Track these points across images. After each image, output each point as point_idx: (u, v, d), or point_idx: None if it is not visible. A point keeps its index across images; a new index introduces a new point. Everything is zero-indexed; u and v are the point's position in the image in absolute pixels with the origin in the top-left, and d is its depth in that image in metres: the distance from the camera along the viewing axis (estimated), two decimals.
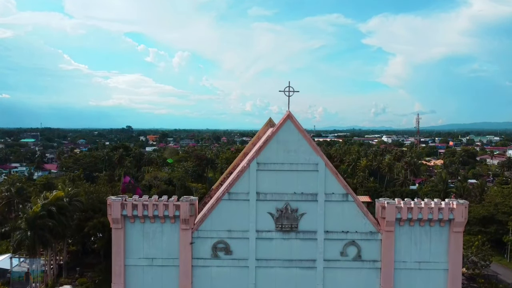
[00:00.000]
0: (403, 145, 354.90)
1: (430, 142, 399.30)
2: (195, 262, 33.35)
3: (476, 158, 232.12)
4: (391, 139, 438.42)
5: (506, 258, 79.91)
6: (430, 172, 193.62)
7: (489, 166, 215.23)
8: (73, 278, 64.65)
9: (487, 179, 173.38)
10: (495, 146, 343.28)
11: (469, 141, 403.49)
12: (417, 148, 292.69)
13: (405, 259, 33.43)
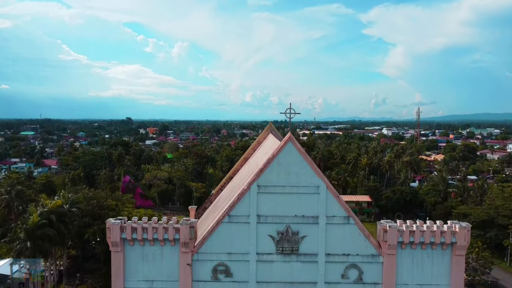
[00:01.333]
0: (403, 138, 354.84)
1: (431, 134, 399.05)
2: (195, 284, 33.14)
3: (476, 153, 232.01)
4: (391, 131, 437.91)
5: (506, 261, 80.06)
6: (430, 168, 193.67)
7: (490, 161, 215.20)
8: (73, 285, 64.79)
9: (487, 176, 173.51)
10: (495, 139, 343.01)
11: (470, 134, 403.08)
12: (417, 142, 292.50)
13: (406, 282, 33.20)
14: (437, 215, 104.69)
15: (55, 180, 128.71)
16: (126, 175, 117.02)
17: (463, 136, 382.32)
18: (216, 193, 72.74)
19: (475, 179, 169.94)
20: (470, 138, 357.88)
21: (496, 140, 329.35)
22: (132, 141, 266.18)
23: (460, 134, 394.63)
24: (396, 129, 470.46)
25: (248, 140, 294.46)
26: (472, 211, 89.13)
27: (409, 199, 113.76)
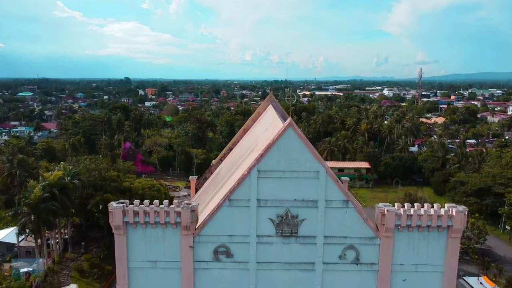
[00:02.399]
0: (404, 99, 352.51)
1: (432, 95, 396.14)
2: (197, 265, 34.08)
3: (477, 116, 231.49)
4: (392, 92, 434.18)
5: (500, 229, 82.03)
6: (430, 132, 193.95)
7: (490, 124, 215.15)
8: (78, 253, 66.80)
9: (486, 140, 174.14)
10: (496, 101, 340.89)
11: (471, 95, 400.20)
12: (418, 103, 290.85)
13: (402, 262, 34.11)
14: (435, 181, 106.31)
15: (56, 146, 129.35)
16: (127, 142, 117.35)
17: (465, 97, 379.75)
18: (216, 163, 73.25)
19: (475, 143, 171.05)
20: (471, 99, 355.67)
21: (498, 102, 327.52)
22: (131, 103, 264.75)
23: (462, 95, 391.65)
24: (397, 90, 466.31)
25: (247, 102, 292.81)
26: (469, 179, 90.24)
27: (408, 165, 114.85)
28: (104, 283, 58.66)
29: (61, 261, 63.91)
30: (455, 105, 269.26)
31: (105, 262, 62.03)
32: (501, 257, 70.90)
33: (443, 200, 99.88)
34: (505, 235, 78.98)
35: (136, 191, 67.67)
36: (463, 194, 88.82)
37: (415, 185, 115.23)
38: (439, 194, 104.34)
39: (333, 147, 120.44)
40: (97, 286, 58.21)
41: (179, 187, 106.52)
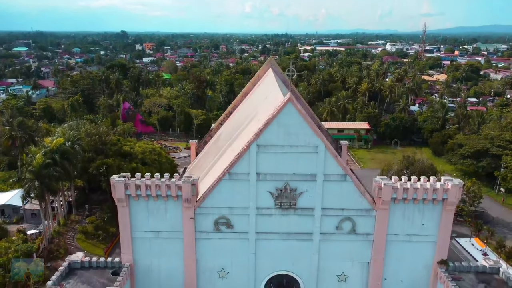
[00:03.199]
0: (407, 55, 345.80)
1: (435, 50, 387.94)
2: (198, 235, 35.27)
3: (479, 73, 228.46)
4: (395, 47, 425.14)
5: (494, 190, 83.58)
6: (431, 90, 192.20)
7: (492, 82, 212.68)
8: (82, 215, 68.51)
9: (488, 99, 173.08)
10: (501, 56, 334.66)
11: (475, 50, 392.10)
12: (421, 59, 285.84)
13: (397, 233, 35.31)
14: (434, 143, 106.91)
15: (54, 105, 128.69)
16: (125, 102, 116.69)
17: (469, 52, 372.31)
18: (216, 127, 73.42)
19: (476, 102, 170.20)
20: (475, 54, 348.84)
21: (502, 58, 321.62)
22: (128, 59, 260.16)
23: (466, 50, 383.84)
24: (400, 44, 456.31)
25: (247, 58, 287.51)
26: (467, 141, 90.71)
27: (408, 126, 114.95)
28: (109, 245, 60.72)
29: (66, 223, 65.75)
30: (458, 62, 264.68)
31: (109, 224, 63.77)
32: (494, 218, 72.83)
33: (441, 161, 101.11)
34: (499, 196, 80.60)
35: (137, 155, 68.25)
36: (461, 156, 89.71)
37: (414, 145, 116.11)
38: (437, 155, 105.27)
39: (333, 107, 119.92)
40: (103, 247, 60.32)
41: (179, 148, 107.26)
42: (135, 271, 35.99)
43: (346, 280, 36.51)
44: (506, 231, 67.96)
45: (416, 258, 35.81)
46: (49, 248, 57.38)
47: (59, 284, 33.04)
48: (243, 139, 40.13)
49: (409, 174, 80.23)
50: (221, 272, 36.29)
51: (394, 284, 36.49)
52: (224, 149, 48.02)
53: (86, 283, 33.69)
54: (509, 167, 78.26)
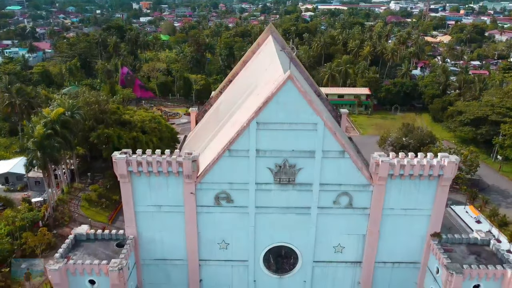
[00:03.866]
0: (411, 14, 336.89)
1: (440, 10, 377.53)
2: (199, 209, 36.23)
3: (484, 34, 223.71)
4: (399, 5, 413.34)
5: (491, 157, 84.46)
6: (434, 52, 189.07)
7: (497, 44, 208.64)
8: (85, 183, 69.73)
9: (491, 62, 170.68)
10: (508, 16, 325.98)
11: (482, 9, 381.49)
12: (425, 19, 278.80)
13: (392, 207, 36.24)
14: (434, 109, 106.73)
15: (52, 70, 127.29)
16: (124, 67, 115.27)
17: (474, 11, 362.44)
18: (216, 96, 73.19)
19: (479, 65, 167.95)
20: (481, 14, 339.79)
21: (509, 17, 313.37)
22: (125, 19, 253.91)
23: (472, 9, 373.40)
24: (404, 3, 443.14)
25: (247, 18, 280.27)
26: (467, 108, 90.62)
27: (409, 91, 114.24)
28: (112, 212, 62.29)
29: (70, 191, 67.04)
30: (463, 22, 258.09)
31: (111, 192, 65.02)
32: (489, 186, 74.15)
33: (440, 128, 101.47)
34: (496, 164, 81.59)
35: (136, 123, 68.38)
36: (460, 123, 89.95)
37: (414, 111, 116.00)
38: (436, 121, 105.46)
39: (334, 72, 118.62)
40: (106, 214, 61.92)
41: (179, 114, 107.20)
42: (139, 243, 37.29)
43: (342, 251, 37.90)
44: (500, 199, 69.45)
45: (411, 231, 36.99)
46: (54, 216, 58.95)
47: (66, 256, 34.34)
48: (243, 113, 40.26)
49: (408, 141, 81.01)
50: (221, 243, 37.62)
51: (389, 255, 37.93)
52: (224, 122, 48.22)
53: (92, 254, 35.01)
54: (507, 134, 78.66)
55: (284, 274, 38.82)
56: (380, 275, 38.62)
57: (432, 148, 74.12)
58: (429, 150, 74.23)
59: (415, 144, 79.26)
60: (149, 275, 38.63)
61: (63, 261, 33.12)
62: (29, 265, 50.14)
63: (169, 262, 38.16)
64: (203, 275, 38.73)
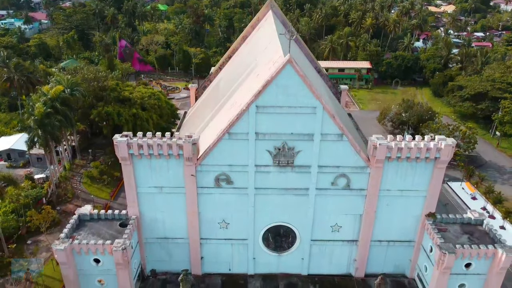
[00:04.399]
0: None
1: None
2: (200, 190, 36.99)
3: (489, 4, 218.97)
4: None
5: (490, 133, 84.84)
6: (437, 23, 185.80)
7: (502, 14, 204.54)
8: (87, 160, 70.42)
9: (495, 33, 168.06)
10: None
11: None
12: None
13: (389, 188, 36.99)
14: (435, 83, 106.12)
15: (49, 42, 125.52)
16: (122, 40, 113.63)
17: None
18: (216, 72, 72.81)
19: (482, 37, 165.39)
20: None
21: None
22: None
23: None
24: None
25: None
26: (468, 83, 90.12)
27: (410, 65, 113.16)
28: (114, 189, 63.23)
29: (72, 167, 67.80)
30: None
31: (113, 168, 65.79)
32: (487, 162, 74.88)
33: (440, 103, 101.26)
34: (494, 140, 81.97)
35: (136, 100, 68.29)
36: (460, 98, 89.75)
37: (415, 85, 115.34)
38: (437, 96, 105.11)
39: (335, 45, 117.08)
40: (108, 191, 62.90)
41: (178, 88, 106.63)
42: (142, 223, 38.30)
43: (339, 230, 38.98)
44: (497, 175, 70.33)
45: (406, 211, 37.91)
46: (57, 193, 59.92)
47: (71, 236, 35.36)
48: (242, 94, 40.39)
49: (407, 117, 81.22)
50: (222, 223, 38.63)
51: (384, 234, 39.02)
52: (223, 102, 48.36)
53: (96, 234, 36.03)
54: (507, 110, 78.64)
55: (282, 252, 40.08)
56: (376, 252, 39.90)
57: (431, 124, 74.53)
58: (428, 126, 74.92)
59: (414, 120, 79.60)
60: (152, 253, 39.88)
61: (68, 241, 34.12)
62: (35, 241, 51.64)
63: (171, 240, 39.31)
64: (204, 253, 39.99)
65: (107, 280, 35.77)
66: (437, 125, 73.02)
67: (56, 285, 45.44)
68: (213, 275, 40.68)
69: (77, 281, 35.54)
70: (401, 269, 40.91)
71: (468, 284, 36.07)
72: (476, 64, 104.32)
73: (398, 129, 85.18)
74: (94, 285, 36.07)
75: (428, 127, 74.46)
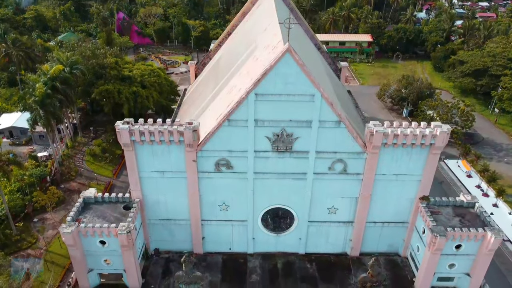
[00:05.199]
0: None
1: None
2: (201, 175, 37.98)
3: None
4: None
5: (489, 109, 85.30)
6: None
7: None
8: (88, 137, 71.31)
9: (500, 3, 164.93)
10: None
11: None
12: None
13: (384, 172, 37.94)
14: (436, 57, 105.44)
15: (46, 13, 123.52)
16: (120, 12, 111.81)
17: None
18: (215, 49, 72.47)
19: (487, 7, 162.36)
20: None
21: None
22: None
23: None
24: None
25: None
26: (469, 59, 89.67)
27: (412, 38, 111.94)
28: (116, 166, 64.42)
29: (74, 145, 68.75)
30: None
31: (114, 146, 66.74)
32: (484, 139, 75.78)
33: (440, 77, 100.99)
34: (493, 116, 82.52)
35: (136, 78, 68.39)
36: (460, 73, 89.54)
37: (416, 59, 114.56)
38: (438, 70, 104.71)
39: (336, 17, 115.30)
40: (111, 169, 64.13)
41: (178, 62, 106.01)
42: (145, 205, 39.56)
43: (336, 212, 40.29)
44: (493, 152, 71.41)
45: (401, 194, 39.02)
46: (60, 171, 61.17)
47: (77, 219, 36.71)
48: (241, 78, 40.79)
49: (407, 94, 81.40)
50: (222, 205, 39.90)
51: (379, 215, 40.41)
52: (223, 83, 48.70)
53: (101, 217, 37.36)
54: (506, 87, 78.73)
55: (280, 232, 41.61)
56: (371, 233, 41.41)
57: (430, 102, 74.87)
58: (427, 103, 75.30)
59: (413, 97, 79.84)
60: (155, 233, 41.43)
61: (74, 224, 35.47)
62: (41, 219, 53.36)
63: (173, 222, 40.73)
64: (205, 233, 41.52)
65: (113, 260, 37.38)
66: (436, 103, 73.41)
67: (64, 262, 47.58)
68: (214, 254, 42.40)
69: (84, 261, 37.19)
70: (394, 248, 42.57)
71: (457, 264, 37.70)
72: (478, 38, 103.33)
73: (397, 105, 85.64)
74: (101, 264, 37.75)
75: (426, 104, 74.88)
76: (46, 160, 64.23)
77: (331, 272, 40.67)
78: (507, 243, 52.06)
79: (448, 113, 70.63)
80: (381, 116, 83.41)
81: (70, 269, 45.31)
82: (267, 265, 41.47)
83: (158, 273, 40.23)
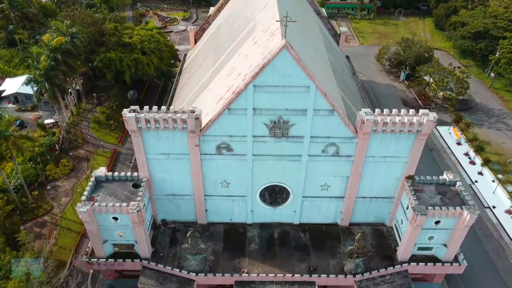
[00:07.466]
0: None
1: None
2: (203, 157, 40.88)
3: None
4: None
5: (486, 73, 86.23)
6: None
7: None
8: (92, 104, 73.20)
9: None
10: None
11: None
12: None
13: (374, 155, 40.81)
14: (438, 14, 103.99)
15: None
16: None
17: None
18: (214, 14, 72.33)
19: None
20: None
21: None
22: None
23: None
24: None
25: None
26: (470, 20, 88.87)
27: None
28: (121, 134, 67.00)
29: (79, 112, 70.85)
30: None
31: (118, 113, 68.69)
32: (477, 104, 77.65)
33: (441, 36, 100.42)
34: (489, 80, 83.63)
35: (136, 45, 68.90)
36: (460, 36, 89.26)
37: (418, 15, 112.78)
38: (439, 29, 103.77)
39: None
40: (115, 136, 66.80)
41: (177, 20, 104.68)
42: (152, 182, 42.88)
43: (328, 189, 43.73)
44: (484, 118, 73.63)
45: (388, 173, 42.17)
46: (68, 140, 63.93)
47: (90, 197, 40.18)
48: (240, 61, 42.45)
49: (405, 57, 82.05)
50: (223, 183, 43.23)
51: (368, 191, 43.90)
52: (222, 61, 50.14)
53: (113, 195, 40.80)
54: (504, 51, 79.07)
55: (277, 206, 45.36)
56: (359, 206, 45.16)
57: (427, 68, 75.86)
58: (423, 69, 76.35)
59: (412, 60, 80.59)
60: (162, 207, 45.19)
61: (89, 203, 38.98)
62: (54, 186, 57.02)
63: (179, 197, 44.31)
64: (208, 206, 45.29)
65: (125, 232, 41.32)
66: (433, 69, 74.44)
67: (78, 228, 51.93)
68: (217, 224, 46.51)
69: (99, 234, 41.19)
70: (381, 219, 46.58)
71: (436, 236, 41.75)
72: None
73: (395, 68, 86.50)
74: (114, 236, 41.81)
75: (423, 70, 75.95)
76: (53, 127, 66.75)
77: (323, 240, 44.95)
78: (487, 209, 56.24)
79: (443, 80, 72.02)
80: (379, 80, 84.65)
81: (84, 235, 49.70)
82: (265, 234, 45.69)
83: (166, 242, 44.54)
